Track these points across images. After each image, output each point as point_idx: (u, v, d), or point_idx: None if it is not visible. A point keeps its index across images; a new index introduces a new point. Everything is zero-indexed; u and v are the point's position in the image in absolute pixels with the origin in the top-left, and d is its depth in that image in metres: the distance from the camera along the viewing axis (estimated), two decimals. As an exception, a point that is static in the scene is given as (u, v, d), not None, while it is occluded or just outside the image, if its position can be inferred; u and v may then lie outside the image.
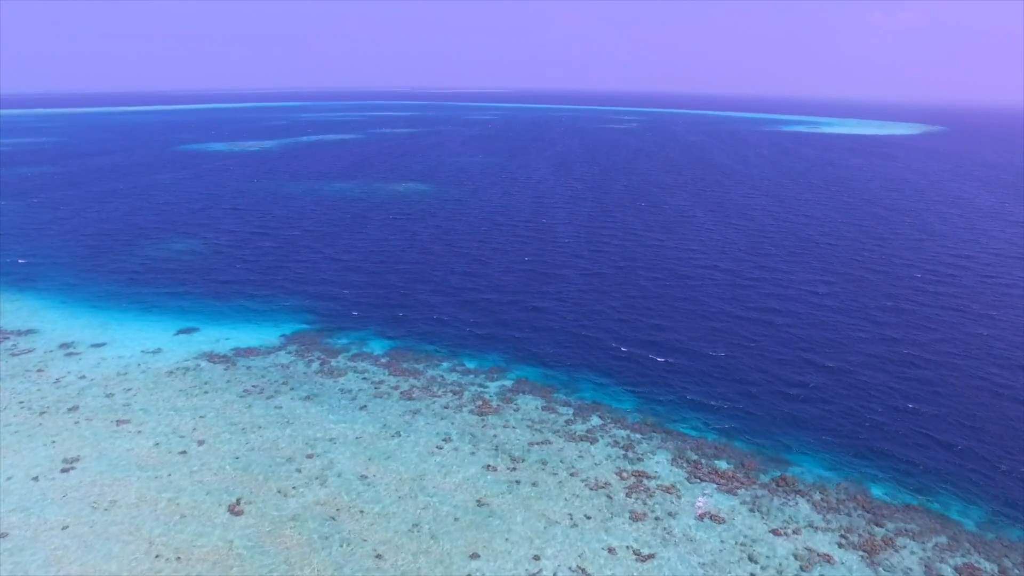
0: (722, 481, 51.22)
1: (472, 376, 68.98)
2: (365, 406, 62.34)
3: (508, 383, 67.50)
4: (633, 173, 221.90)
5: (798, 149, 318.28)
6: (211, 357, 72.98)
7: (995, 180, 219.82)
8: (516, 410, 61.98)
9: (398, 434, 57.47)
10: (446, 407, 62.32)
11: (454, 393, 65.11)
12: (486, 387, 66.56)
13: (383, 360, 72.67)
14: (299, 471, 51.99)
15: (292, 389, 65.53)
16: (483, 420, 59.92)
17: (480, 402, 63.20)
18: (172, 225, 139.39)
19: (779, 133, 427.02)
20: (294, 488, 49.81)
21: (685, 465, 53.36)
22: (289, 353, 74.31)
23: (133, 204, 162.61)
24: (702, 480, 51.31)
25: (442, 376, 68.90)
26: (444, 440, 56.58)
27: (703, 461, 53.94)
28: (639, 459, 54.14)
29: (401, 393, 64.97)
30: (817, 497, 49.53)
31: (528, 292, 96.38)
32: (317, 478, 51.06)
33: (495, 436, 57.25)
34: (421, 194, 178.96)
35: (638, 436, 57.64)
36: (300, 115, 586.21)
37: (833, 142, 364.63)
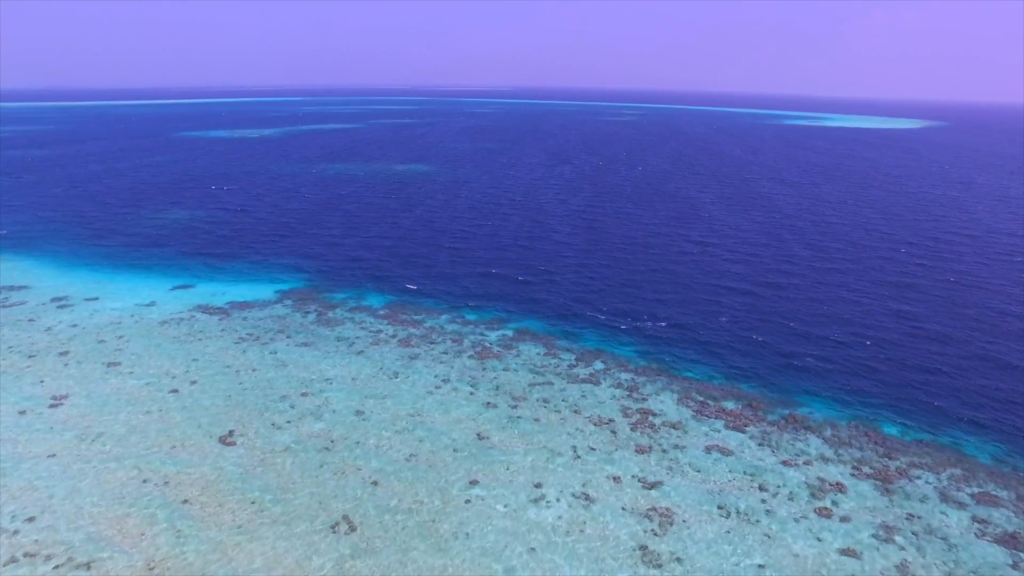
0: (730, 419, 49.66)
1: (472, 327, 67.43)
2: (362, 352, 60.80)
3: (509, 332, 65.96)
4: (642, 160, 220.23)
5: (808, 141, 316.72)
6: (206, 309, 71.45)
7: (1004, 167, 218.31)
8: (517, 355, 60.45)
9: (395, 375, 55.94)
10: (445, 353, 60.78)
11: (453, 341, 63.57)
12: (486, 336, 65.02)
13: (381, 312, 71.14)
14: (293, 407, 50.47)
15: (288, 337, 63.98)
16: (483, 364, 58.37)
17: (480, 348, 61.67)
18: (168, 199, 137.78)
19: (784, 127, 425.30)
20: (288, 422, 48.30)
21: (691, 404, 51.80)
22: (285, 306, 72.78)
23: (129, 181, 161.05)
24: (709, 417, 49.76)
25: (441, 326, 67.34)
26: (443, 381, 55.03)
27: (710, 402, 52.38)
28: (644, 399, 52.59)
29: (399, 341, 63.43)
30: (828, 433, 47.97)
31: (532, 261, 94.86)
32: (312, 413, 49.54)
33: (495, 378, 55.70)
34: (419, 173, 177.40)
35: (643, 379, 56.08)
36: (300, 108, 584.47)
37: (839, 134, 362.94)
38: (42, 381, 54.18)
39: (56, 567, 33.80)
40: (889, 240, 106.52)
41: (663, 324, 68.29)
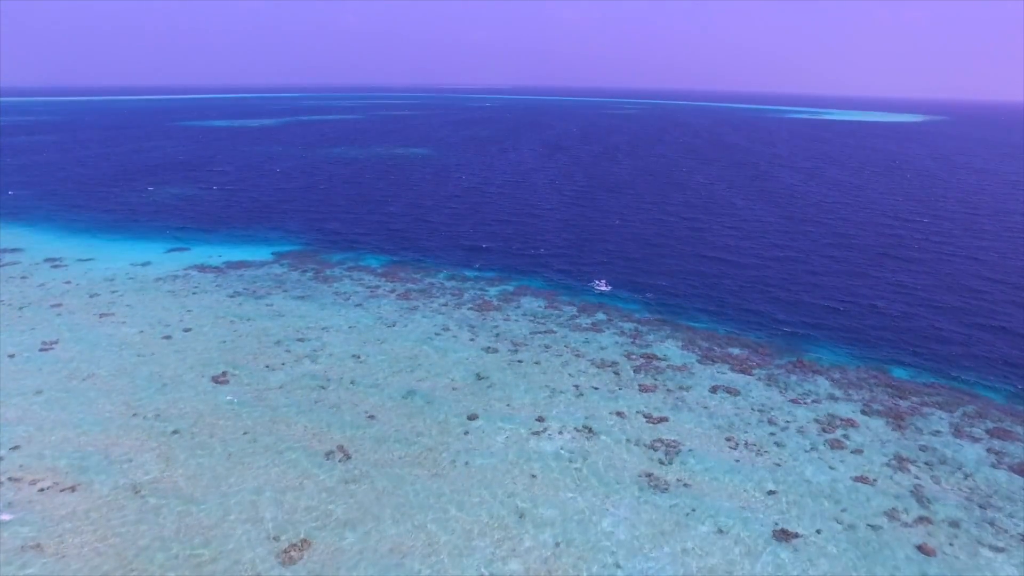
0: (735, 363, 48.43)
1: (472, 283, 66.24)
2: (360, 304, 59.60)
3: (510, 288, 64.74)
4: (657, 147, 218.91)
5: (815, 132, 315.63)
6: (202, 268, 70.24)
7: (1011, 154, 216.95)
8: (517, 307, 59.26)
9: (393, 324, 54.72)
10: (444, 305, 59.58)
11: (453, 295, 62.37)
12: (486, 291, 63.84)
13: (379, 271, 69.92)
14: (288, 351, 49.28)
15: (285, 291, 62.79)
16: (483, 315, 57.17)
17: (480, 302, 60.45)
18: (166, 176, 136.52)
19: (789, 120, 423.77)
20: (282, 364, 47.12)
21: (696, 350, 50.56)
22: (282, 266, 71.57)
23: (127, 161, 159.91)
24: (714, 362, 48.53)
25: (441, 283, 66.14)
26: (443, 329, 53.83)
27: (715, 348, 51.15)
28: (647, 345, 51.38)
29: (398, 295, 62.24)
30: (836, 375, 46.74)
31: (532, 233, 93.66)
32: (307, 356, 48.35)
33: (496, 327, 54.49)
34: (418, 156, 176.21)
35: (646, 328, 54.86)
36: (302, 102, 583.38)
37: (845, 127, 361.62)
38: (32, 328, 52.99)
39: (41, 490, 32.62)
40: (908, 214, 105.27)
41: (669, 287, 67.12)
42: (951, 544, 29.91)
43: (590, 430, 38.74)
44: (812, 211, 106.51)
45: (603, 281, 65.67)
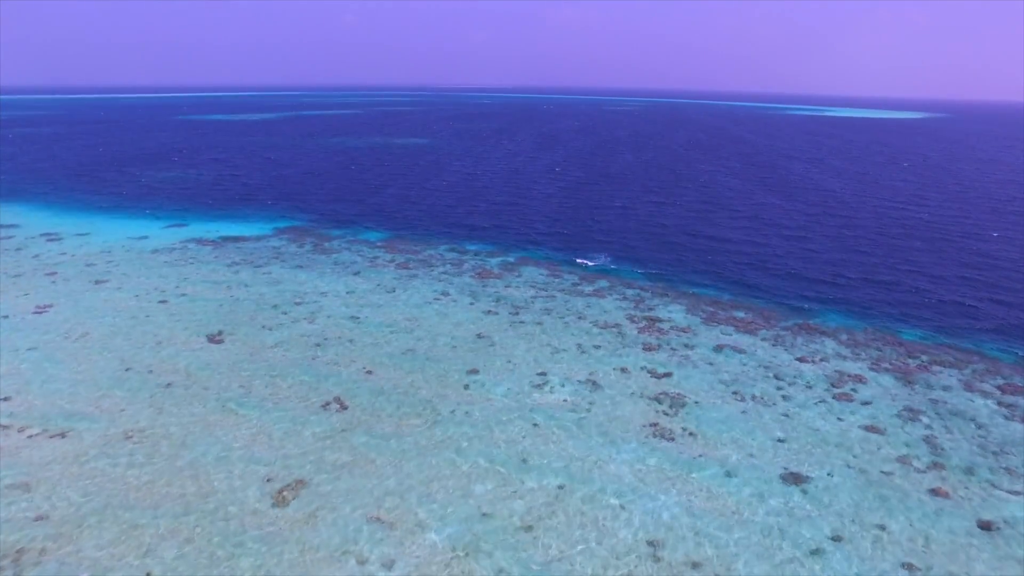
0: (740, 324, 47.58)
1: (472, 254, 65.45)
2: (359, 272, 58.80)
3: (510, 259, 63.94)
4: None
5: (821, 128, 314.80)
6: (200, 241, 69.49)
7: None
8: (518, 276, 58.43)
9: (393, 290, 53.91)
10: (444, 273, 58.79)
11: (453, 265, 61.57)
12: (487, 261, 63.03)
13: (379, 244, 69.14)
14: (285, 314, 48.46)
15: (283, 262, 62.02)
16: (483, 282, 56.32)
17: (481, 271, 59.63)
18: (162, 161, 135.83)
19: (792, 117, 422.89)
20: (279, 324, 46.31)
21: (700, 314, 49.70)
22: (281, 239, 70.84)
23: (126, 148, 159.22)
24: (719, 324, 47.65)
25: (440, 254, 65.34)
26: (442, 294, 53.01)
27: (720, 312, 50.29)
28: (651, 309, 50.54)
29: (397, 265, 61.42)
30: (843, 337, 45.85)
31: (533, 213, 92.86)
32: (305, 318, 47.51)
33: (496, 292, 53.65)
34: (418, 145, 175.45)
35: (649, 294, 54.03)
36: (302, 99, 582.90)
37: (850, 123, 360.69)
38: (27, 294, 52.16)
39: (30, 436, 31.79)
40: (916, 199, 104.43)
41: (672, 260, 66.24)
42: (965, 488, 29.03)
43: (594, 383, 37.89)
44: (816, 196, 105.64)
45: (605, 255, 64.83)
